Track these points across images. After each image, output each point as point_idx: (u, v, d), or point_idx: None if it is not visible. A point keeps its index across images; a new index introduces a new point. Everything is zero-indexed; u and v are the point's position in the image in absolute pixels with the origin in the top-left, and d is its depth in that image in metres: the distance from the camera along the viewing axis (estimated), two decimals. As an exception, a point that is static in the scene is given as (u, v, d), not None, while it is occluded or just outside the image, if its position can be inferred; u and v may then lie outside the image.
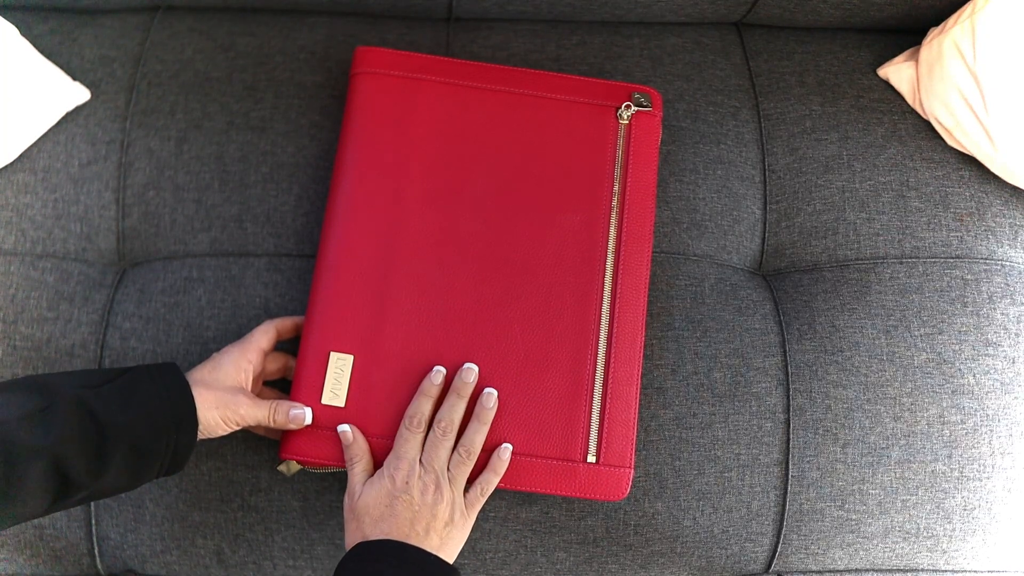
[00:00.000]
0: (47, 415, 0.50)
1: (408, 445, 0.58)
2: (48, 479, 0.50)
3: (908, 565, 0.69)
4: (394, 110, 0.67)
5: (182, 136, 0.74)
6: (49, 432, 0.49)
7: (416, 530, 0.56)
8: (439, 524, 0.57)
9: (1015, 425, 0.69)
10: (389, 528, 0.55)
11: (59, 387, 0.52)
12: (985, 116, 0.71)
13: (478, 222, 0.66)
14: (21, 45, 0.71)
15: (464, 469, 0.59)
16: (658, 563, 0.68)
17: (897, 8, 0.77)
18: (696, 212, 0.74)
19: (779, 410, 0.68)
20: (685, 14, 0.80)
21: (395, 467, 0.58)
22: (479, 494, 0.60)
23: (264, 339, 0.62)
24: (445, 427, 0.59)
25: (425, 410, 0.60)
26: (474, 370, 0.61)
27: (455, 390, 0.61)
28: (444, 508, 0.57)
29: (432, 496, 0.57)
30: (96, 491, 0.53)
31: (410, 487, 0.57)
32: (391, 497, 0.56)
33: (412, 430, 0.59)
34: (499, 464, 0.61)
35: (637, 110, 0.69)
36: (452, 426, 0.59)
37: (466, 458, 0.59)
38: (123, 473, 0.54)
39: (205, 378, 0.58)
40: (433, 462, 0.58)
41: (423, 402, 0.60)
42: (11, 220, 0.72)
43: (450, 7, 0.79)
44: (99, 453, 0.52)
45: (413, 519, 0.56)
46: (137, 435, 0.53)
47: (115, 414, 0.52)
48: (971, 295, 0.71)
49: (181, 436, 0.55)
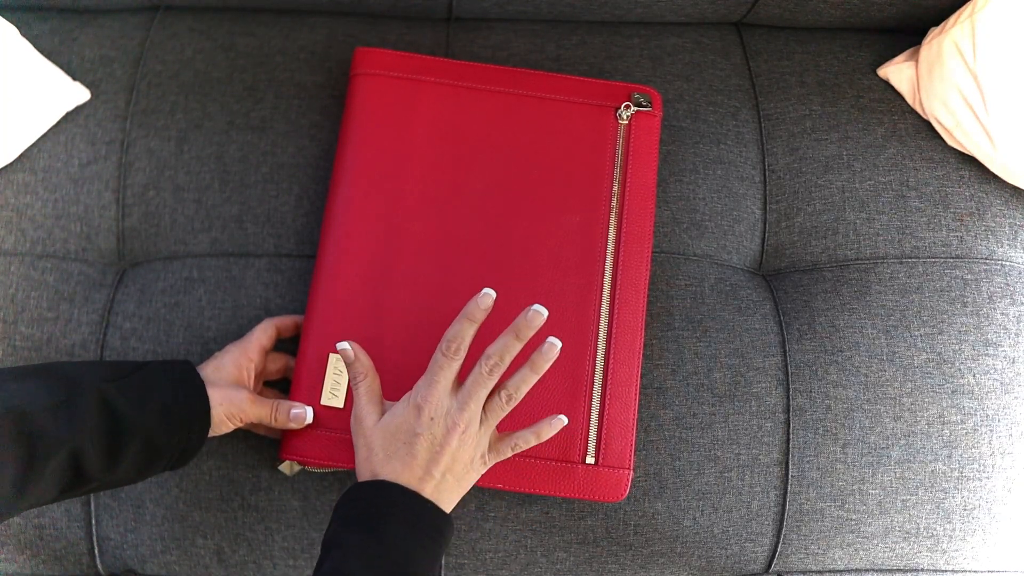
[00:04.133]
0: (70, 407, 0.50)
1: (443, 372, 0.52)
2: (64, 470, 0.50)
3: (908, 565, 0.69)
4: (394, 111, 0.68)
5: (182, 136, 0.74)
6: (71, 425, 0.50)
7: (433, 473, 0.52)
8: (458, 467, 0.53)
9: (1015, 425, 0.69)
10: (402, 468, 0.51)
11: (82, 378, 0.52)
12: (985, 116, 0.71)
13: (477, 223, 0.66)
14: (21, 45, 0.71)
15: (500, 413, 0.54)
16: (658, 563, 0.68)
17: (897, 8, 0.77)
18: (696, 212, 0.74)
19: (779, 410, 0.68)
20: (685, 14, 0.80)
21: (423, 397, 0.52)
22: (510, 447, 0.56)
23: (264, 337, 0.63)
24: (494, 365, 0.52)
25: (467, 335, 0.52)
26: (543, 313, 0.52)
27: (515, 328, 0.52)
28: (467, 451, 0.53)
29: (458, 439, 0.52)
30: (104, 483, 0.54)
31: (435, 424, 0.52)
32: (412, 434, 0.52)
33: (449, 356, 0.52)
34: (546, 429, 0.56)
35: (637, 110, 0.69)
36: (501, 366, 0.52)
37: (506, 402, 0.53)
38: (133, 467, 0.54)
39: (209, 376, 0.59)
40: (470, 400, 0.52)
41: (466, 326, 0.52)
42: (11, 220, 0.72)
43: (450, 7, 0.79)
44: (114, 447, 0.52)
45: (433, 460, 0.51)
46: (151, 431, 0.53)
47: (133, 409, 0.53)
48: (971, 295, 0.71)
49: (193, 434, 0.56)
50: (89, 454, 0.51)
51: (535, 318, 0.52)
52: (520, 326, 0.52)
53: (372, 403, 0.55)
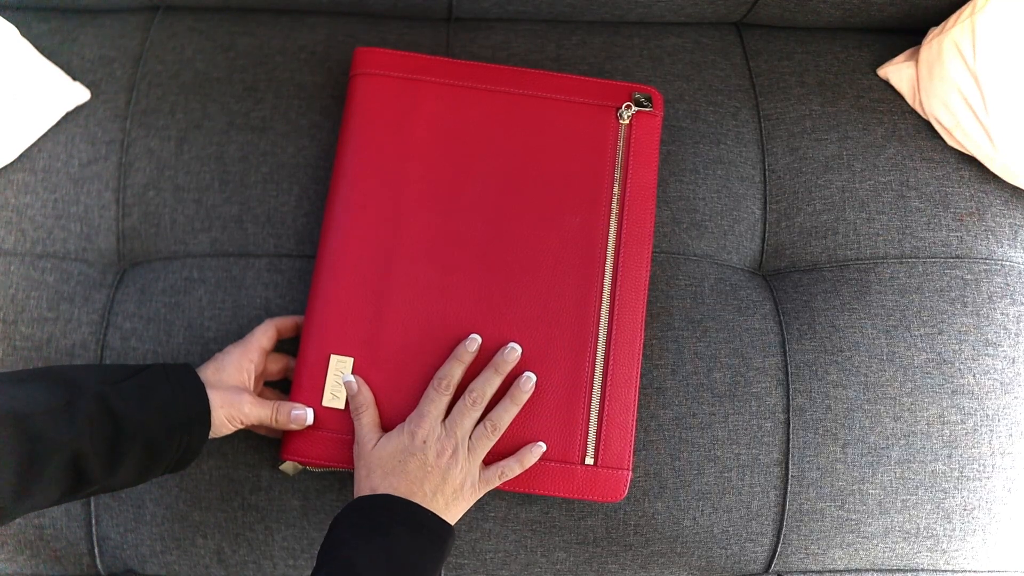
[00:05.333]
0: (70, 410, 0.50)
1: (432, 405, 0.59)
2: (64, 474, 0.50)
3: (908, 565, 0.69)
4: (393, 111, 0.67)
5: (182, 136, 0.74)
6: (72, 427, 0.50)
7: (424, 490, 0.56)
8: (448, 489, 0.57)
9: (1015, 425, 0.69)
10: (397, 483, 0.56)
11: (82, 382, 0.52)
12: (985, 116, 0.71)
13: (477, 223, 0.66)
14: (21, 45, 0.71)
15: (486, 443, 0.59)
16: (658, 563, 0.68)
17: (897, 8, 0.77)
18: (696, 212, 0.74)
19: (779, 410, 0.68)
20: (685, 14, 0.80)
21: (416, 423, 0.58)
22: (497, 475, 0.60)
23: (265, 338, 0.63)
24: (476, 398, 0.59)
25: (455, 374, 0.60)
26: (517, 350, 0.62)
27: (494, 365, 0.61)
28: (457, 475, 0.57)
29: (447, 460, 0.57)
30: (104, 486, 0.54)
31: (427, 447, 0.57)
32: (406, 453, 0.57)
33: (439, 391, 0.59)
34: (528, 457, 0.61)
35: (637, 110, 0.69)
36: (483, 398, 0.59)
37: (491, 432, 0.59)
38: (133, 470, 0.54)
39: (210, 378, 0.59)
40: (456, 428, 0.58)
41: (455, 366, 0.60)
42: (11, 220, 0.72)
43: (450, 7, 0.79)
44: (115, 450, 0.52)
45: (423, 478, 0.56)
46: (152, 434, 0.54)
47: (133, 412, 0.53)
48: (971, 295, 0.71)
49: (193, 436, 0.56)
50: (89, 457, 0.51)
51: (511, 354, 0.61)
52: (498, 363, 0.61)
53: (373, 431, 0.60)
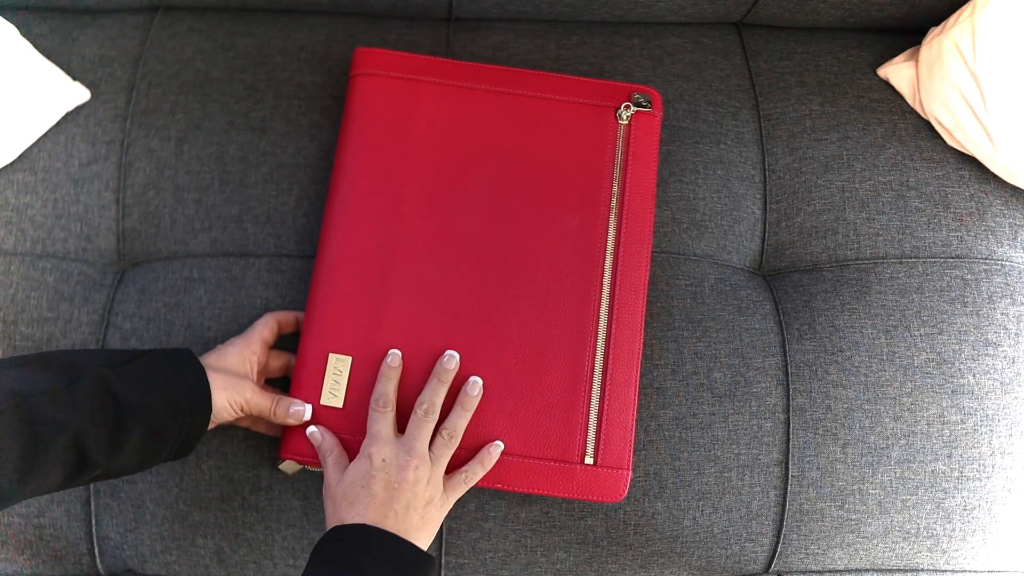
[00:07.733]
0: (71, 391, 0.50)
1: (378, 424, 0.59)
2: (67, 455, 0.50)
3: (908, 565, 0.69)
4: (393, 111, 0.68)
5: (182, 136, 0.74)
6: (73, 408, 0.50)
7: (395, 508, 0.55)
8: (420, 503, 0.56)
9: (1015, 425, 0.69)
10: (365, 510, 0.54)
11: (83, 364, 0.52)
12: (985, 116, 0.71)
13: (477, 223, 0.66)
14: (21, 45, 0.71)
15: (446, 451, 0.59)
16: (658, 563, 0.68)
17: (897, 8, 0.77)
18: (696, 212, 0.74)
19: (779, 410, 0.68)
20: (685, 14, 0.80)
21: (370, 444, 0.58)
22: (463, 481, 0.60)
23: (266, 330, 0.63)
24: (427, 409, 0.59)
25: (388, 391, 0.60)
26: (455, 357, 0.62)
27: (436, 375, 0.61)
28: (424, 487, 0.57)
29: (412, 474, 0.56)
30: (107, 471, 0.54)
31: (387, 464, 0.56)
32: (367, 477, 0.56)
33: (379, 410, 0.59)
34: (487, 458, 0.61)
35: (637, 110, 0.69)
36: (433, 408, 0.60)
37: (448, 440, 0.59)
38: (136, 454, 0.54)
39: (212, 363, 0.59)
40: (415, 441, 0.58)
41: (384, 383, 0.61)
42: (11, 220, 0.72)
43: (450, 7, 0.79)
44: (117, 432, 0.52)
45: (391, 497, 0.55)
46: (154, 416, 0.54)
47: (134, 394, 0.53)
48: (971, 295, 0.71)
49: (195, 419, 0.56)
50: (91, 437, 0.51)
51: (449, 361, 0.62)
52: (439, 372, 0.61)
53: (339, 471, 0.59)
